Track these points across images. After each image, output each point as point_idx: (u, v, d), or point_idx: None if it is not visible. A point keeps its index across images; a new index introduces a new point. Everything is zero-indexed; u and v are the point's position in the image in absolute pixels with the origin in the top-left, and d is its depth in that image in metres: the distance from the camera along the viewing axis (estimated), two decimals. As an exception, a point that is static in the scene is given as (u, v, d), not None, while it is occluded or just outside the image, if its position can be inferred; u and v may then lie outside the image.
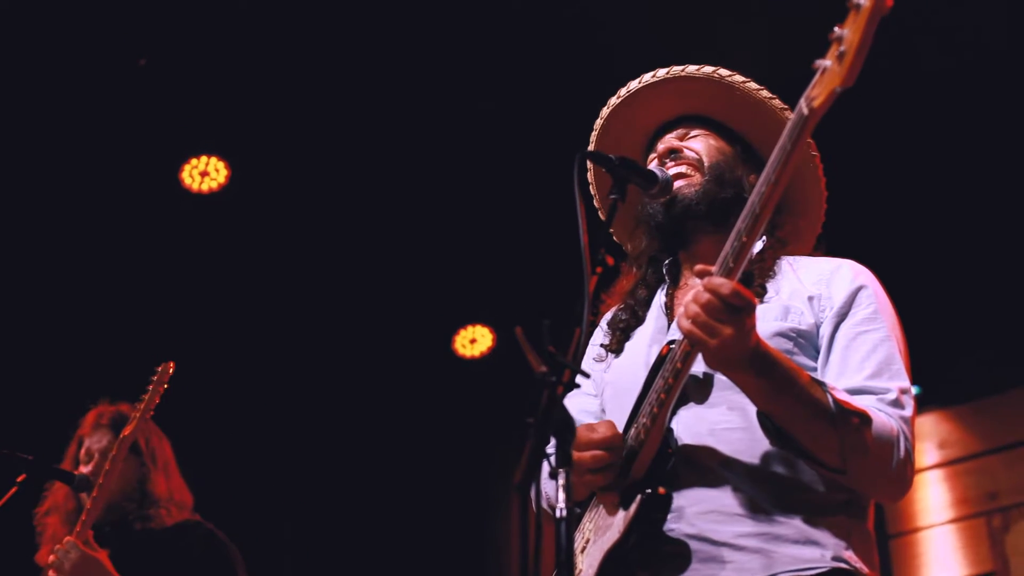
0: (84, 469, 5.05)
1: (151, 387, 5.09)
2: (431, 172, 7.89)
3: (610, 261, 2.70)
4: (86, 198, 7.81)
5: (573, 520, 2.34)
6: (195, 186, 8.00)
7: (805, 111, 2.55)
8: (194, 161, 7.96)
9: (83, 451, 5.17)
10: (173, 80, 7.35)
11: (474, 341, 9.40)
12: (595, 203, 3.56)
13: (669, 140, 3.33)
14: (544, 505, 2.94)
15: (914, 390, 8.30)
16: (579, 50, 6.99)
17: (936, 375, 8.46)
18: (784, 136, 2.63)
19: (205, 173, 7.98)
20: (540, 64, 7.15)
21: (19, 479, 4.44)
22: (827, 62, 2.47)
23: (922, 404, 8.57)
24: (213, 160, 7.97)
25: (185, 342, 8.39)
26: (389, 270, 8.53)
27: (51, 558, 4.65)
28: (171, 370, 5.15)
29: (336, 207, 8.18)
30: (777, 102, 3.29)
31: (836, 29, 2.44)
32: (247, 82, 7.43)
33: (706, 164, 3.26)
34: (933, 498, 8.46)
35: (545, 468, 2.94)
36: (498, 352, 9.19)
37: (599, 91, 3.49)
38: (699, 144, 3.31)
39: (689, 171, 3.26)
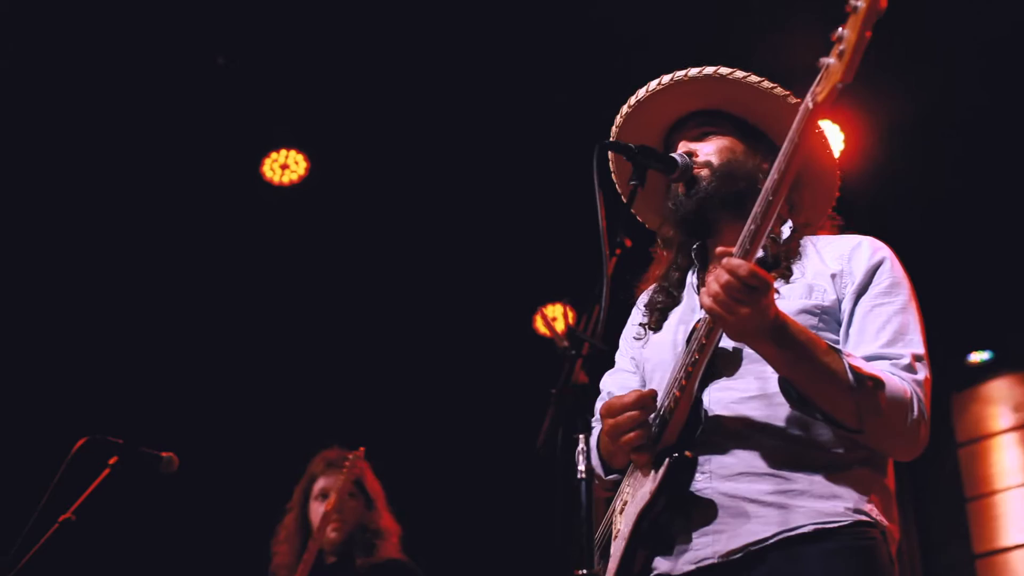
0: (318, 507, 5.88)
1: (345, 471, 5.85)
2: (502, 160, 8.04)
3: (628, 243, 2.91)
4: (173, 190, 8.11)
5: (592, 480, 2.56)
6: (276, 179, 8.32)
7: (810, 105, 2.78)
8: (274, 155, 8.30)
9: (316, 490, 5.97)
10: (254, 78, 7.61)
11: (555, 319, 9.58)
12: (618, 189, 3.72)
13: (684, 144, 3.48)
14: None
15: (987, 355, 8.28)
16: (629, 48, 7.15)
17: (1009, 339, 8.51)
18: (792, 129, 2.86)
19: (285, 166, 8.32)
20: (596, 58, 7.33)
21: (111, 462, 4.69)
22: (830, 60, 2.68)
23: (996, 368, 8.65)
24: (292, 153, 8.30)
25: (267, 328, 8.70)
26: (468, 252, 8.69)
27: None
28: (361, 455, 5.94)
29: (414, 195, 8.36)
30: (779, 89, 3.44)
31: (839, 29, 2.63)
32: (324, 78, 7.65)
33: (715, 164, 3.41)
34: (1009, 460, 8.50)
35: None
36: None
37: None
38: (710, 147, 3.45)
39: (698, 170, 3.41)
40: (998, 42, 6.79)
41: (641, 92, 3.56)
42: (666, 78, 3.51)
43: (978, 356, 8.73)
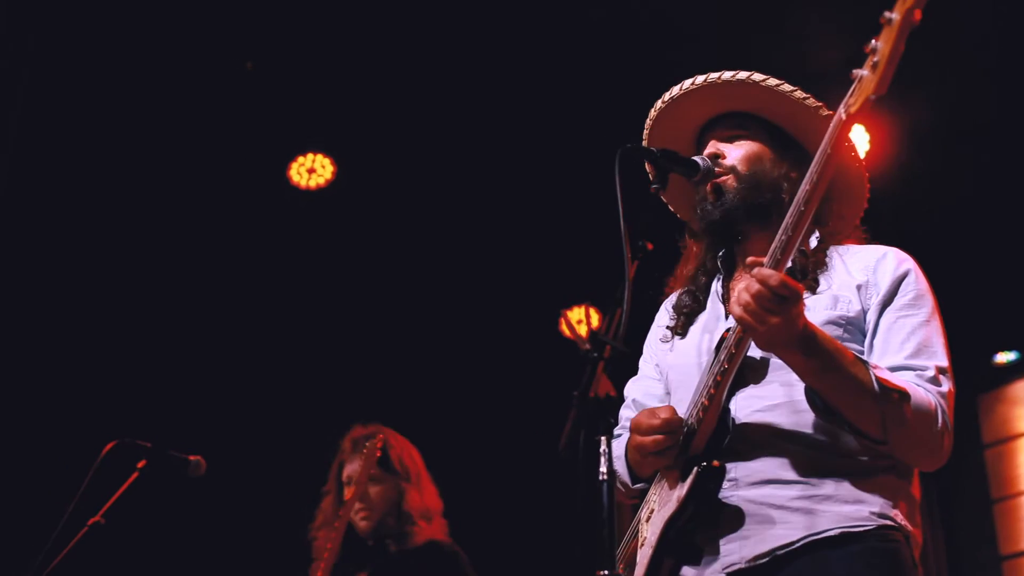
0: (349, 492, 5.72)
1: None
2: (527, 163, 8.07)
3: (650, 247, 2.94)
4: (200, 193, 8.16)
5: (613, 482, 2.59)
6: (303, 182, 8.38)
7: (843, 116, 2.81)
8: (301, 159, 8.36)
9: (344, 475, 5.84)
10: (281, 83, 7.67)
11: (580, 322, 9.59)
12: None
13: (714, 144, 3.48)
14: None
15: (1013, 356, 8.26)
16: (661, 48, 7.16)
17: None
18: (825, 140, 2.89)
19: (312, 170, 8.37)
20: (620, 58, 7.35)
21: (139, 465, 4.72)
22: (863, 72, 2.70)
23: (1022, 369, 8.61)
24: (319, 157, 8.37)
25: (295, 332, 8.73)
26: (493, 255, 8.70)
27: None
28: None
29: (439, 198, 8.40)
30: (812, 101, 3.42)
31: (872, 41, 2.65)
32: (351, 82, 7.70)
33: (741, 172, 3.40)
34: (1035, 463, 8.48)
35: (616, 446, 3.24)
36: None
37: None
38: (738, 151, 3.45)
39: (725, 177, 3.41)
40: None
41: (675, 90, 3.55)
42: (700, 78, 3.50)
43: (1004, 357, 8.69)
